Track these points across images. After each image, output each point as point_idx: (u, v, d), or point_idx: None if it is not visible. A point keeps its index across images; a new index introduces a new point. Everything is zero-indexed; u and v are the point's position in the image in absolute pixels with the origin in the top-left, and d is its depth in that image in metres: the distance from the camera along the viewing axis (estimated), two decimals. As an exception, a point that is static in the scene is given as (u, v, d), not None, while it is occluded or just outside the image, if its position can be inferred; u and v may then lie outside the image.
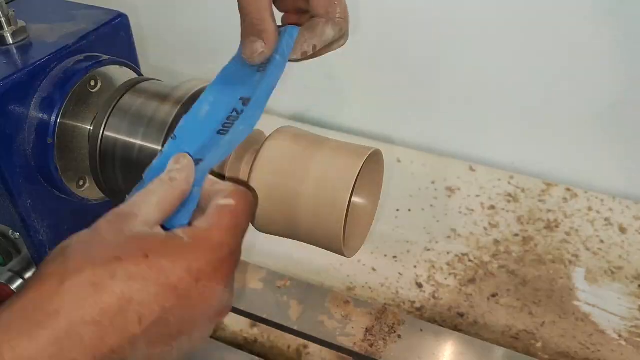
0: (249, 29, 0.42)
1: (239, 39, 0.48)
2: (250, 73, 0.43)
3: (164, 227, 0.33)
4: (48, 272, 0.30)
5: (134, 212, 0.32)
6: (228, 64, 0.45)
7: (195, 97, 0.43)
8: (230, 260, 0.33)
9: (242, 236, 0.34)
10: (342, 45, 0.47)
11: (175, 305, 0.30)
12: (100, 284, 0.29)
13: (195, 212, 0.35)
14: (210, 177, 0.37)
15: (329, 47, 0.46)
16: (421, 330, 0.61)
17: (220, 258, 0.32)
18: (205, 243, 0.32)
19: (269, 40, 0.42)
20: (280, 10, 0.46)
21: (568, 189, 0.85)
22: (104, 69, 0.47)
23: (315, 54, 0.45)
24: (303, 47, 0.44)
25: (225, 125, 0.40)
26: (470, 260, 0.74)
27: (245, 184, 0.40)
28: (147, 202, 0.33)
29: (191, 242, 0.32)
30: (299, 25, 0.45)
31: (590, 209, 0.82)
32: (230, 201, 0.34)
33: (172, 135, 0.39)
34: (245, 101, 0.41)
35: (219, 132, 0.40)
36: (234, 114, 0.41)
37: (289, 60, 0.45)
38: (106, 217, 0.33)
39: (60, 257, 0.30)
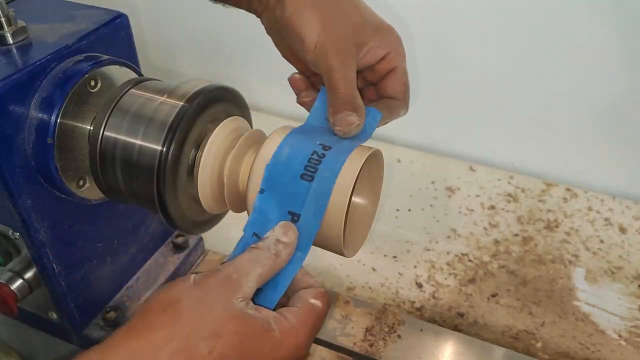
0: (344, 103, 0.43)
1: (239, 39, 0.48)
2: (328, 134, 0.44)
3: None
4: (158, 323, 0.34)
5: (239, 284, 0.36)
6: (299, 126, 0.45)
7: (195, 96, 0.43)
8: (304, 358, 0.38)
9: (314, 338, 0.39)
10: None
11: None
12: (198, 355, 0.33)
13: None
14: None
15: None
16: (421, 330, 0.60)
17: (299, 356, 0.37)
18: (292, 341, 0.36)
19: (362, 113, 0.44)
20: None
21: (568, 189, 0.85)
22: (104, 69, 0.47)
23: None
24: (379, 124, 0.48)
25: (308, 168, 0.39)
26: (470, 260, 0.74)
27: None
28: (251, 274, 0.37)
29: (280, 337, 0.36)
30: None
31: (590, 209, 0.82)
32: (319, 303, 0.39)
33: (260, 189, 0.40)
34: (325, 147, 0.41)
35: (302, 177, 0.39)
36: (315, 157, 0.40)
37: None
38: (216, 278, 0.36)
39: (171, 311, 0.34)
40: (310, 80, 0.50)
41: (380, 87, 0.49)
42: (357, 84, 0.47)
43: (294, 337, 0.37)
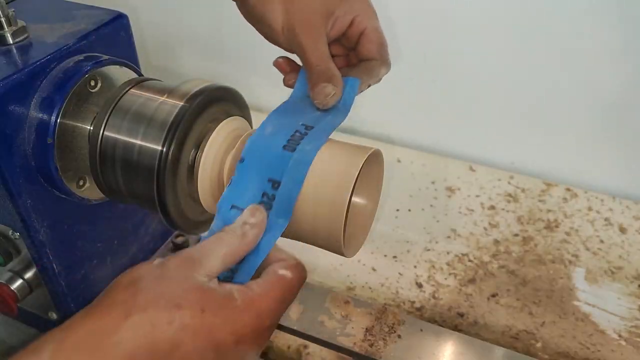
0: (319, 76, 0.45)
1: (239, 39, 0.48)
2: (310, 111, 0.46)
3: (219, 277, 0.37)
4: (118, 300, 0.34)
5: (201, 261, 0.36)
6: (282, 103, 0.47)
7: (195, 96, 0.43)
8: (270, 330, 0.36)
9: (284, 310, 0.37)
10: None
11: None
12: (158, 326, 0.32)
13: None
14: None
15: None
16: (421, 330, 0.60)
17: (263, 327, 0.35)
18: (255, 309, 0.35)
19: (338, 83, 0.46)
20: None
21: (568, 189, 0.85)
22: (104, 69, 0.47)
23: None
24: (362, 88, 0.48)
25: (290, 142, 0.40)
26: (470, 260, 0.74)
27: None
28: (215, 253, 0.36)
29: (243, 306, 0.35)
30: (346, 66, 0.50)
31: (590, 209, 0.82)
32: (288, 273, 0.37)
33: (240, 158, 0.40)
34: (307, 127, 0.42)
35: (284, 148, 0.40)
36: (297, 134, 0.41)
37: None
38: (178, 257, 0.36)
39: (132, 287, 0.34)
40: (295, 61, 0.51)
41: (357, 52, 0.50)
42: (337, 52, 0.50)
43: (257, 306, 0.35)
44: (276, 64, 0.51)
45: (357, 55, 0.50)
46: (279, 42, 0.48)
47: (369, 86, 0.49)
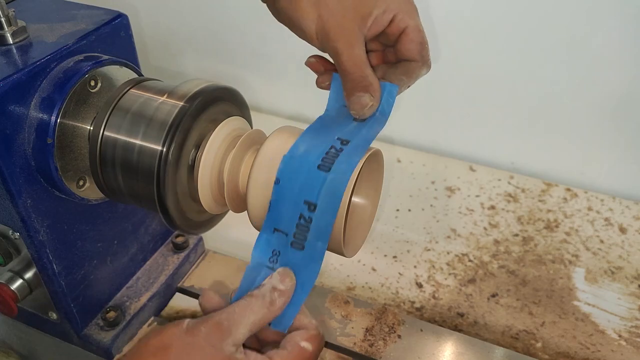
0: (355, 85, 0.43)
1: (239, 39, 0.48)
2: (347, 122, 0.44)
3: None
4: None
5: (229, 331, 0.37)
6: (318, 117, 0.45)
7: (195, 96, 0.43)
8: None
9: None
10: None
11: None
12: None
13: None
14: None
15: None
16: (421, 330, 0.60)
17: None
18: None
19: (376, 93, 0.44)
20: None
21: (568, 189, 0.85)
22: (104, 69, 0.47)
23: None
24: (402, 90, 0.46)
25: (325, 160, 0.39)
26: (470, 260, 0.74)
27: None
28: (244, 321, 0.37)
29: None
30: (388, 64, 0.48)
31: (590, 209, 0.82)
32: (309, 346, 0.39)
33: (276, 179, 0.40)
34: (343, 142, 0.41)
35: (319, 167, 0.39)
36: (333, 150, 0.40)
37: None
38: (208, 324, 0.37)
39: (161, 354, 0.35)
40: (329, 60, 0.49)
41: (396, 50, 0.47)
42: (374, 47, 0.47)
43: None
44: (309, 64, 0.49)
45: (396, 53, 0.47)
46: (313, 44, 0.46)
47: (408, 87, 0.47)
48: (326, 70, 0.48)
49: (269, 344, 0.42)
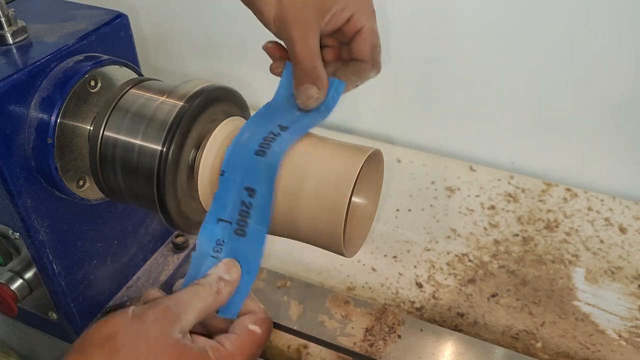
0: (304, 76, 0.44)
1: (239, 39, 0.48)
2: (291, 110, 0.45)
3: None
4: (95, 356, 0.34)
5: (177, 317, 0.36)
6: (263, 106, 0.46)
7: (195, 96, 0.43)
8: None
9: None
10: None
11: None
12: None
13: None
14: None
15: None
16: (421, 330, 0.60)
17: None
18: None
19: (323, 86, 0.45)
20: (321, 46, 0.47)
21: (568, 189, 0.85)
22: (104, 69, 0.47)
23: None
24: (348, 89, 0.47)
25: (262, 145, 0.41)
26: (470, 260, 0.74)
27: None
28: (191, 308, 0.37)
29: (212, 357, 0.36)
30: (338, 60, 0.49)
31: (590, 209, 0.82)
32: (257, 329, 0.39)
33: (221, 171, 0.41)
34: (282, 128, 0.42)
35: (256, 153, 0.40)
36: (271, 135, 0.41)
37: None
38: (155, 310, 0.36)
39: (108, 346, 0.34)
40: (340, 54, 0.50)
41: (350, 49, 0.48)
42: (330, 43, 0.48)
43: None
44: (266, 48, 0.49)
45: (349, 52, 0.49)
46: (270, 29, 0.47)
47: (356, 86, 0.48)
48: (281, 57, 0.48)
49: (218, 332, 0.41)
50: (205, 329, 0.42)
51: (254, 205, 0.40)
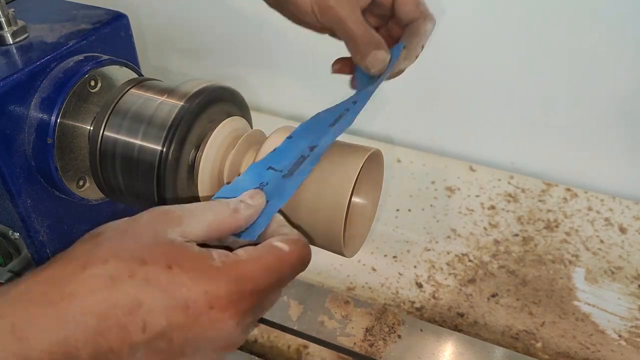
0: (368, 44, 0.45)
1: (239, 39, 0.48)
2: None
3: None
4: (76, 253, 0.30)
5: (180, 220, 0.32)
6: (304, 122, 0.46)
7: (195, 96, 0.43)
8: (252, 299, 0.31)
9: (279, 286, 0.33)
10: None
11: (182, 325, 0.29)
12: (118, 280, 0.28)
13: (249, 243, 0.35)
14: (280, 218, 0.37)
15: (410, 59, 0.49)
16: (421, 330, 0.61)
17: (242, 292, 0.30)
18: (233, 272, 0.30)
19: (386, 47, 0.45)
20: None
21: (568, 189, 0.85)
22: (104, 69, 0.47)
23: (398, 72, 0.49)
24: (417, 51, 0.47)
25: (338, 119, 0.43)
26: (470, 260, 0.74)
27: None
28: (199, 218, 0.32)
29: (220, 267, 0.30)
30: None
31: (590, 209, 0.82)
32: (285, 246, 0.33)
33: (289, 135, 0.42)
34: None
35: (329, 126, 0.42)
36: (345, 112, 0.43)
37: (401, 68, 0.49)
38: (151, 211, 0.32)
39: (92, 240, 0.31)
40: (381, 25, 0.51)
41: (398, 20, 0.48)
42: (375, 22, 0.49)
43: (236, 269, 0.30)
44: (336, 71, 0.50)
45: (397, 21, 0.49)
46: (308, 21, 0.46)
47: (423, 47, 0.48)
48: (352, 68, 0.49)
49: None
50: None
51: (311, 155, 0.40)
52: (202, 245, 0.32)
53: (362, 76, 0.48)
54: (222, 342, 0.31)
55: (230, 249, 0.33)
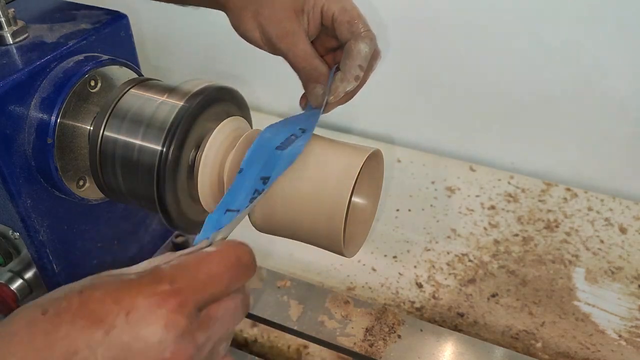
0: (308, 77, 0.47)
1: (239, 39, 0.48)
2: (308, 114, 0.47)
3: None
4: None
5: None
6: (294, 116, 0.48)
7: (195, 96, 0.43)
8: (178, 299, 0.27)
9: (208, 290, 0.28)
10: (379, 58, 0.49)
11: (103, 342, 0.26)
12: (35, 320, 0.27)
13: None
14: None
15: (370, 67, 0.48)
16: (421, 330, 0.61)
17: (162, 293, 0.27)
18: (149, 276, 0.28)
19: (325, 81, 0.47)
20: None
21: (568, 189, 0.85)
22: (104, 69, 0.47)
23: (363, 79, 0.48)
24: (354, 73, 0.46)
25: (284, 143, 0.42)
26: (470, 260, 0.74)
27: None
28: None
29: (135, 277, 0.28)
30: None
31: (590, 209, 0.82)
32: (211, 248, 0.30)
33: (240, 169, 0.41)
34: (303, 130, 0.44)
35: (277, 148, 0.41)
36: (293, 137, 0.43)
37: (344, 97, 0.49)
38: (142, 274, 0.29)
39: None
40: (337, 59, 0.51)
41: (339, 38, 0.48)
42: (333, 45, 0.50)
43: (152, 273, 0.28)
44: (304, 107, 0.51)
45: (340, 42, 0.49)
46: (264, 50, 0.49)
47: (362, 68, 0.46)
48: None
49: None
50: None
51: (264, 190, 0.40)
52: None
53: None
54: (155, 351, 0.27)
55: None
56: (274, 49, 0.47)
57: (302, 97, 0.51)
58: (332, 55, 0.51)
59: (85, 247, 0.53)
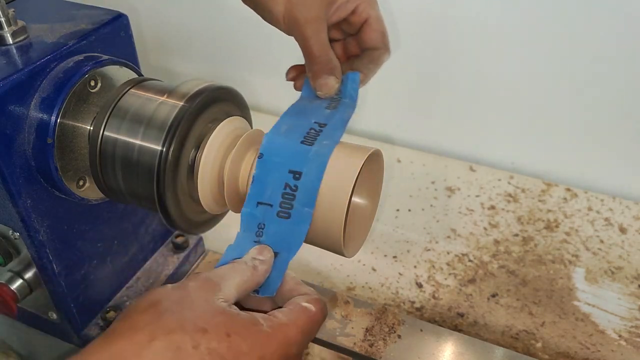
0: (321, 67, 0.46)
1: (239, 39, 0.48)
2: (320, 109, 0.47)
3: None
4: (140, 323, 0.32)
5: (220, 284, 0.36)
6: (292, 105, 0.48)
7: (195, 96, 0.43)
8: (294, 359, 0.35)
9: (307, 344, 0.37)
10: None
11: None
12: (184, 351, 0.31)
13: (270, 300, 0.40)
14: (292, 275, 0.41)
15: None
16: (421, 330, 0.60)
17: (289, 355, 0.35)
18: (282, 336, 0.35)
19: (339, 74, 0.47)
20: None
21: (568, 189, 0.85)
22: (104, 69, 0.47)
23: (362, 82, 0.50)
24: (368, 77, 0.49)
25: (307, 138, 0.42)
26: (470, 260, 0.74)
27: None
28: (230, 281, 0.37)
29: (269, 332, 0.34)
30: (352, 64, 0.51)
31: (590, 209, 0.82)
32: (312, 307, 0.37)
33: (259, 154, 0.41)
34: (321, 125, 0.43)
35: (302, 142, 0.41)
36: (313, 131, 0.43)
37: None
38: (196, 280, 0.36)
39: (153, 310, 0.33)
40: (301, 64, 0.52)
41: (359, 40, 0.50)
42: (335, 36, 0.51)
43: (283, 333, 0.35)
44: (291, 79, 0.52)
45: (359, 43, 0.51)
46: (279, 28, 0.48)
47: (374, 74, 0.50)
48: (299, 73, 0.51)
49: None
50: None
51: (300, 187, 0.40)
52: (237, 305, 0.36)
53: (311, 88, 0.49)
54: None
55: (258, 310, 0.37)
56: (292, 30, 0.47)
57: (290, 68, 0.51)
58: (344, 51, 0.53)
59: (85, 247, 0.53)
